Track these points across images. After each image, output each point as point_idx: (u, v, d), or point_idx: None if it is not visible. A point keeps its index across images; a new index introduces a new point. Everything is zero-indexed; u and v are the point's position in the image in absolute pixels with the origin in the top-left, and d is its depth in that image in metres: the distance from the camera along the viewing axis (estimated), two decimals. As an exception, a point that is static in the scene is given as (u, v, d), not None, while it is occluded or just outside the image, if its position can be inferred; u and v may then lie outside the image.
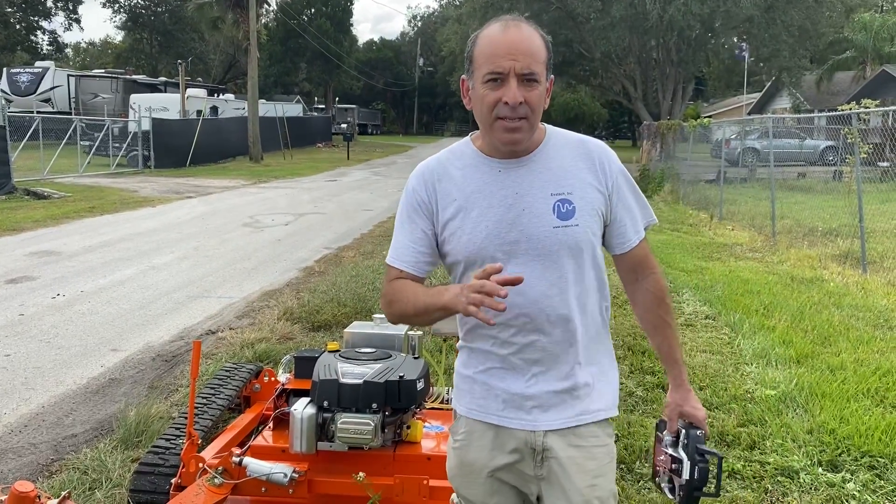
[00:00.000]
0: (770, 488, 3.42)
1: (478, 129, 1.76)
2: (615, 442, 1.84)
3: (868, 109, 9.63)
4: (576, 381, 1.72)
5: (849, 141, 9.51)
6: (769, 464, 3.61)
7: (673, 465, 1.79)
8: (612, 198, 1.74)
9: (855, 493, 3.35)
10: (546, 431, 1.71)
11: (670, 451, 1.81)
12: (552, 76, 1.69)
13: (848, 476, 3.51)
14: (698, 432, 1.77)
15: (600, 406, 1.76)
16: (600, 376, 1.77)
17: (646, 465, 3.60)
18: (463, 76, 1.72)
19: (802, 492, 3.38)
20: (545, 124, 1.77)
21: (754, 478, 3.50)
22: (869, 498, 3.32)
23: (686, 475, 1.75)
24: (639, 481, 3.47)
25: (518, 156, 1.70)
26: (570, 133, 1.79)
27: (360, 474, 2.50)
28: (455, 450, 1.81)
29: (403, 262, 1.76)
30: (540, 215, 1.67)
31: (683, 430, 1.80)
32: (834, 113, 10.60)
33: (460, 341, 1.82)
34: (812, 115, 24.05)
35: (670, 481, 1.80)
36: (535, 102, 1.61)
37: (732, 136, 18.46)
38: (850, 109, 9.42)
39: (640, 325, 1.88)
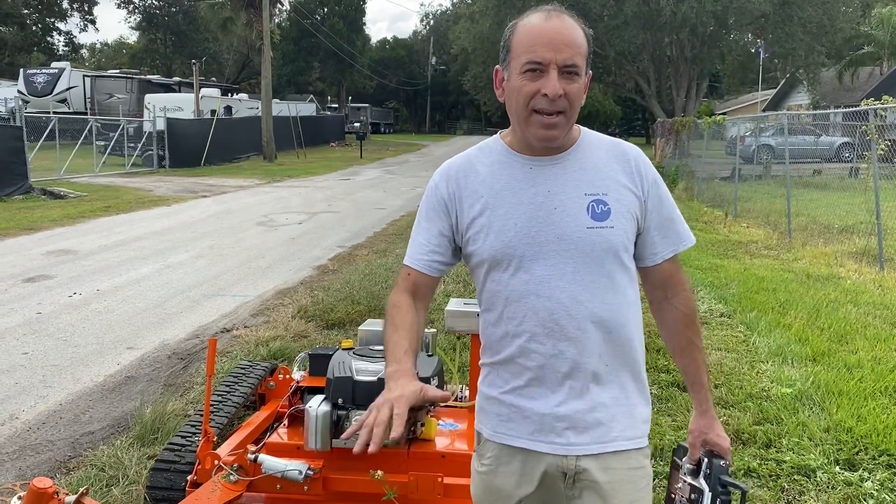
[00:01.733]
0: (786, 487, 3.40)
1: (502, 128, 1.70)
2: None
3: (886, 105, 9.50)
4: (612, 399, 1.61)
5: (867, 138, 9.40)
6: (785, 462, 3.59)
7: (692, 496, 1.69)
8: (647, 203, 1.64)
9: (872, 491, 3.33)
10: (579, 456, 1.59)
11: (690, 479, 1.70)
12: (590, 71, 1.61)
13: (865, 475, 3.48)
14: (722, 462, 1.68)
15: (639, 429, 1.65)
16: (638, 395, 1.66)
17: (661, 462, 3.58)
18: (497, 66, 1.63)
19: (819, 490, 3.36)
20: (579, 125, 1.69)
21: (770, 476, 3.48)
22: (887, 497, 3.29)
23: None
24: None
25: (551, 153, 1.62)
26: (604, 135, 1.72)
27: (379, 472, 2.50)
28: (481, 474, 1.70)
29: (415, 260, 1.70)
30: (574, 215, 1.57)
31: (706, 459, 1.70)
32: (850, 109, 10.49)
33: (482, 360, 1.71)
34: (828, 111, 23.85)
35: None
36: (574, 96, 1.53)
37: (747, 133, 18.31)
38: (869, 105, 9.32)
39: (666, 345, 1.78)
